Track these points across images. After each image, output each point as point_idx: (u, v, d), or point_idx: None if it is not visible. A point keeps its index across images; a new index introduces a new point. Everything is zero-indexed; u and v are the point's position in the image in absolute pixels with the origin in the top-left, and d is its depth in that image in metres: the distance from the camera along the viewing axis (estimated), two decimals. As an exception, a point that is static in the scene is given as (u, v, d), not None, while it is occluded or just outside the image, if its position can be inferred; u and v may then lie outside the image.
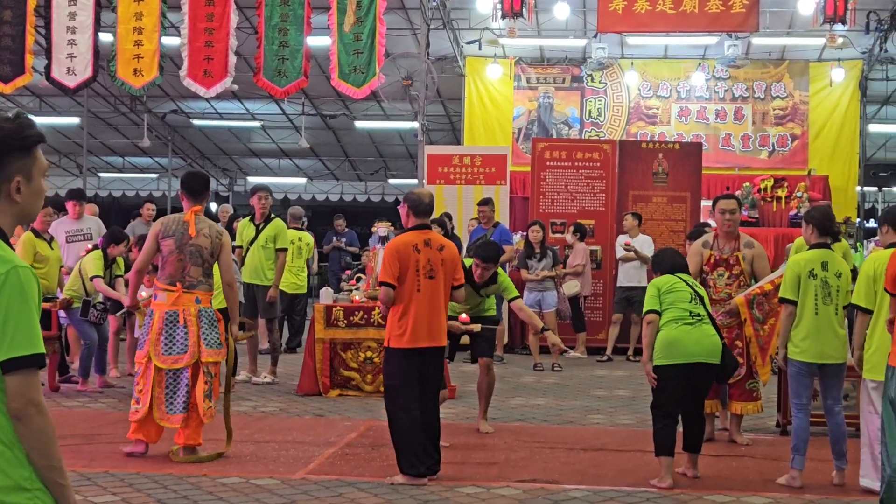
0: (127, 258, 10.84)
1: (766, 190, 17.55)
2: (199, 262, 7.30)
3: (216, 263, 7.47)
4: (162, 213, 13.71)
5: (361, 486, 6.61)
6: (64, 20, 15.10)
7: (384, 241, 13.40)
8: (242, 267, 11.09)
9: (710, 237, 8.49)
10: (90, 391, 10.15)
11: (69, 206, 11.77)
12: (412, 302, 6.71)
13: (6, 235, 2.67)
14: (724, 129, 19.55)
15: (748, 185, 17.34)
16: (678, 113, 19.66)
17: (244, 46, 16.17)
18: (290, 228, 12.27)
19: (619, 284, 13.82)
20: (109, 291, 10.28)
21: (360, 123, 24.91)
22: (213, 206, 27.32)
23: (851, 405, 7.99)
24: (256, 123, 25.54)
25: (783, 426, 8.52)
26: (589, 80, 19.79)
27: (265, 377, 10.97)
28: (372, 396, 9.87)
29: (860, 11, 16.63)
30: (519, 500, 6.37)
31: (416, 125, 16.80)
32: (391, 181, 29.18)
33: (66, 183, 26.43)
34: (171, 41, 15.69)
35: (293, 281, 13.01)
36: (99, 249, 10.46)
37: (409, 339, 6.70)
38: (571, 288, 13.52)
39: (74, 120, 24.27)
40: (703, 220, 13.72)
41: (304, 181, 30.14)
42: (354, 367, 10.17)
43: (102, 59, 15.43)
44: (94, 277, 10.22)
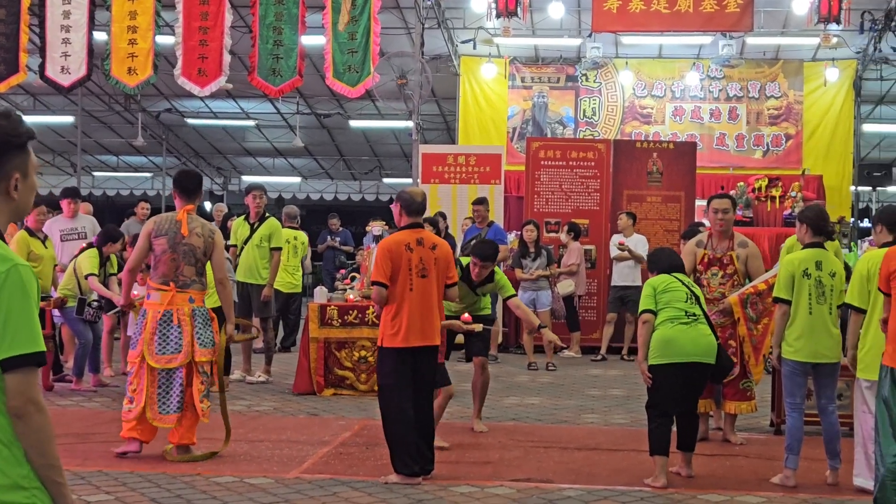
0: (121, 257, 10.82)
1: (760, 189, 17.56)
2: (192, 261, 7.29)
3: (209, 262, 7.47)
4: (156, 211, 13.68)
5: (355, 485, 6.61)
6: (58, 19, 15.08)
7: (378, 240, 13.37)
8: (237, 266, 11.10)
9: (704, 236, 8.49)
10: (84, 390, 10.14)
11: (64, 204, 11.74)
12: (405, 301, 6.70)
13: (1, 233, 2.67)
14: (718, 128, 19.57)
15: (742, 184, 17.35)
16: (673, 112, 19.68)
17: (239, 45, 16.15)
18: (285, 227, 12.27)
19: (613, 284, 13.82)
20: (103, 290, 10.26)
21: (354, 122, 24.90)
22: (207, 204, 27.34)
23: (845, 405, 7.99)
24: (251, 122, 25.52)
25: (777, 425, 8.53)
26: (583, 79, 19.81)
27: (259, 376, 10.98)
28: (366, 396, 9.86)
29: (854, 11, 16.65)
30: (513, 499, 6.37)
31: (410, 124, 16.79)
32: (386, 180, 29.17)
33: (60, 182, 26.39)
34: (165, 40, 15.67)
35: (289, 280, 12.99)
36: (94, 247, 10.45)
37: (402, 338, 6.69)
38: (566, 287, 13.52)
39: (69, 119, 24.23)
40: (697, 219, 13.75)
41: (298, 180, 30.11)
42: (349, 366, 10.17)
43: (97, 57, 15.40)
44: (88, 276, 10.20)
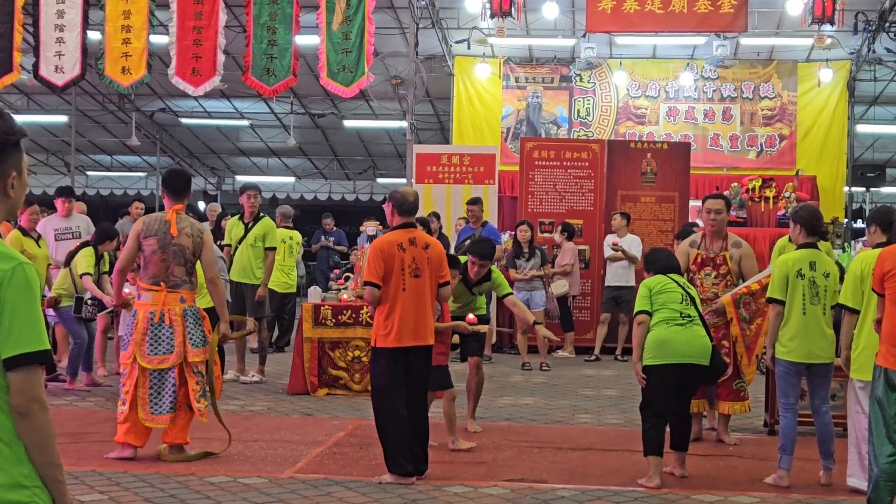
0: (114, 256, 10.80)
1: (754, 190, 17.57)
2: (181, 261, 7.28)
3: (198, 262, 7.46)
4: (150, 211, 13.66)
5: (349, 484, 6.61)
6: (52, 18, 15.05)
7: (372, 240, 13.37)
8: (231, 265, 11.09)
9: (697, 237, 8.51)
10: (78, 389, 10.13)
11: (58, 203, 11.72)
12: (398, 301, 6.70)
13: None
14: (712, 129, 19.58)
15: (736, 185, 17.36)
16: (666, 113, 19.68)
17: (233, 45, 16.13)
18: (279, 227, 12.26)
19: (607, 284, 13.84)
20: (95, 290, 10.24)
21: (348, 122, 24.87)
22: (201, 204, 27.30)
23: (839, 405, 8.01)
24: (245, 122, 25.48)
25: (771, 426, 8.54)
26: (577, 79, 19.80)
27: (253, 376, 10.97)
28: (360, 395, 9.86)
29: (848, 12, 16.68)
30: (507, 499, 6.37)
31: (404, 124, 16.79)
32: (380, 180, 29.13)
33: (53, 181, 26.37)
34: (159, 39, 15.64)
35: (284, 280, 12.97)
36: (90, 246, 10.43)
37: (394, 338, 6.68)
38: (560, 287, 13.53)
39: (62, 118, 24.20)
40: (691, 220, 13.76)
41: (292, 180, 30.07)
42: (342, 366, 10.16)
43: (90, 57, 15.38)
44: (83, 275, 10.18)
